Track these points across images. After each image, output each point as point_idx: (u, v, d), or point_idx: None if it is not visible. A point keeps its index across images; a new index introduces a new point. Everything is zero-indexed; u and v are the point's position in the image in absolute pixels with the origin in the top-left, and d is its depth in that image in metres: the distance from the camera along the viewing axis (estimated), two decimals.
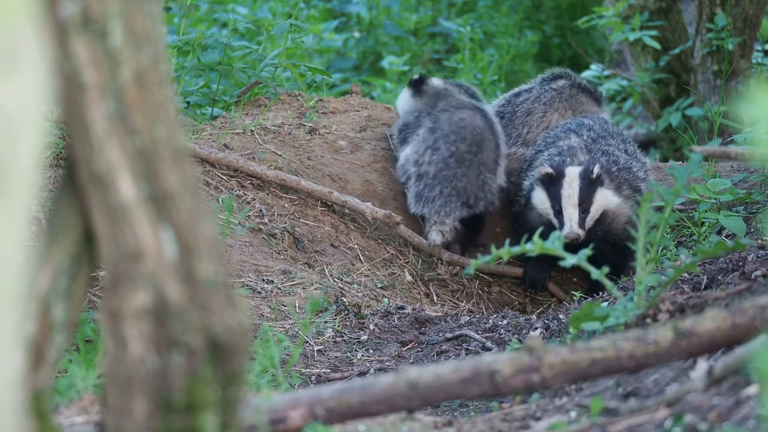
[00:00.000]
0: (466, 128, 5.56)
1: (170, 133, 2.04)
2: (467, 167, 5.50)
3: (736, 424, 2.38)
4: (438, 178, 5.48)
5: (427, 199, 5.49)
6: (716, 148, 3.63)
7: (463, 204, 5.49)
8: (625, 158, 5.21)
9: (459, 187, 5.49)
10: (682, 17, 7.19)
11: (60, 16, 1.98)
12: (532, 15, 9.08)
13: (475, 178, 5.50)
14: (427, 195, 5.49)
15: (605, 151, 5.20)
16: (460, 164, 5.49)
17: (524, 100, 5.88)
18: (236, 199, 5.24)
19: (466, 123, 5.58)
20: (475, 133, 5.56)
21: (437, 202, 5.48)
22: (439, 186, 5.48)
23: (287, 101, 6.08)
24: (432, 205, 5.48)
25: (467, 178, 5.50)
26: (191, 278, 2.05)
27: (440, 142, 5.54)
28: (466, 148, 5.52)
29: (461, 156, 5.51)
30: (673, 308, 3.17)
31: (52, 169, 4.76)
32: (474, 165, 5.52)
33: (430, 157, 5.51)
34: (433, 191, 5.48)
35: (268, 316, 4.50)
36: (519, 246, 3.26)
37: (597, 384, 3.09)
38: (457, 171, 5.47)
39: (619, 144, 5.31)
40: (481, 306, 5.38)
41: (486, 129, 5.60)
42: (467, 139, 5.52)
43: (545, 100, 5.85)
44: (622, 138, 5.40)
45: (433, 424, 2.88)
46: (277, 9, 8.23)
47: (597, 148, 5.22)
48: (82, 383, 2.77)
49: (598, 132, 5.34)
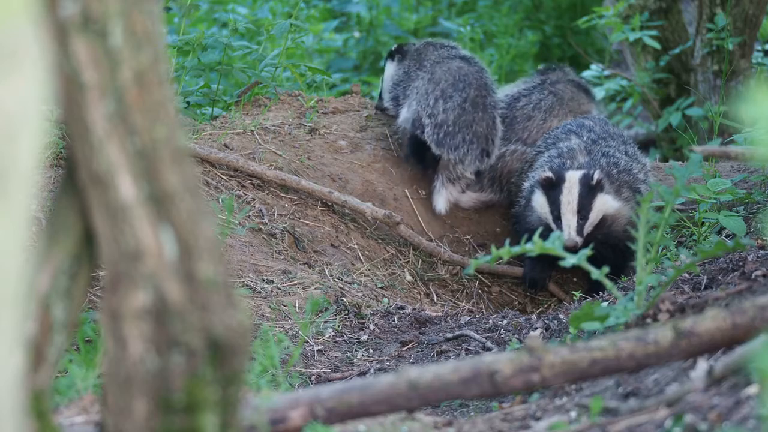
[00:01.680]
0: (468, 75, 5.72)
1: (170, 133, 2.04)
2: (482, 111, 5.63)
3: (736, 424, 2.38)
4: (458, 124, 5.63)
5: (450, 147, 5.60)
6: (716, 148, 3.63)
7: (482, 151, 5.64)
8: (626, 160, 5.20)
9: (479, 132, 5.62)
10: (682, 17, 7.19)
11: (60, 16, 1.98)
12: (532, 15, 9.08)
13: (492, 122, 5.66)
14: (450, 143, 5.60)
15: (605, 152, 5.20)
16: (475, 108, 5.62)
17: (524, 105, 5.91)
18: (236, 199, 5.24)
19: (465, 70, 5.73)
20: (478, 77, 5.72)
21: (461, 150, 5.61)
22: (460, 134, 5.62)
23: (287, 101, 6.08)
24: (457, 152, 5.61)
25: (485, 122, 5.64)
26: (191, 278, 2.05)
27: (449, 90, 5.66)
28: (475, 93, 5.66)
29: (474, 101, 5.65)
30: (673, 308, 3.17)
31: (52, 169, 4.76)
32: (488, 108, 5.67)
33: (444, 105, 5.62)
34: (455, 139, 5.62)
35: (268, 316, 4.50)
36: (519, 246, 3.26)
37: (597, 384, 3.09)
38: (475, 116, 5.58)
39: (619, 145, 5.30)
40: (481, 306, 5.38)
41: (481, 72, 5.77)
42: (473, 84, 5.70)
43: (545, 107, 5.87)
44: (623, 139, 5.38)
45: (433, 424, 2.88)
46: (277, 9, 8.22)
47: (597, 150, 5.22)
48: (82, 383, 2.77)
49: (599, 133, 5.33)
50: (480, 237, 5.77)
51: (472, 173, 5.67)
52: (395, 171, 5.79)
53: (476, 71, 5.75)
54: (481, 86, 5.70)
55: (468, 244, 5.72)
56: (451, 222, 5.78)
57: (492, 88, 5.78)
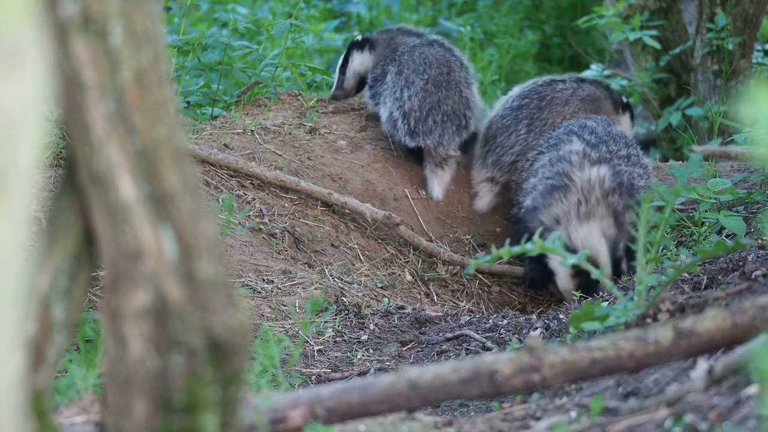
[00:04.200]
0: (428, 57, 5.73)
1: (170, 133, 2.04)
2: (446, 88, 5.63)
3: (736, 424, 2.38)
4: (424, 108, 5.61)
5: (425, 133, 5.61)
6: (716, 148, 3.63)
7: (458, 127, 5.63)
8: (628, 171, 5.06)
9: (448, 111, 5.60)
10: (682, 17, 7.19)
11: (60, 16, 1.98)
12: (532, 15, 9.08)
13: (458, 97, 5.63)
14: (422, 129, 5.61)
15: (606, 159, 5.10)
16: (438, 88, 5.62)
17: (562, 89, 5.80)
18: (236, 199, 5.24)
19: (426, 53, 5.74)
20: (438, 56, 5.72)
21: (435, 133, 5.61)
22: (430, 117, 5.61)
23: (287, 101, 6.08)
24: (432, 137, 5.62)
25: (452, 100, 5.62)
26: (191, 278, 2.05)
27: (411, 76, 5.68)
28: (437, 71, 5.67)
29: (435, 79, 5.64)
30: (673, 308, 3.17)
31: (52, 169, 4.76)
32: (452, 84, 5.67)
33: (408, 92, 5.62)
34: (427, 123, 5.62)
35: (268, 316, 4.50)
36: (519, 246, 3.27)
37: (597, 384, 3.09)
38: (440, 95, 5.58)
39: (621, 148, 5.17)
40: (481, 306, 5.37)
41: (447, 52, 5.77)
42: (434, 64, 5.71)
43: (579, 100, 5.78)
44: (625, 141, 5.25)
45: (433, 424, 2.88)
46: (277, 9, 8.22)
47: (598, 157, 5.08)
48: (82, 383, 2.77)
49: (601, 135, 5.21)
50: (480, 237, 5.77)
51: (455, 150, 5.67)
52: (395, 171, 5.79)
53: (439, 52, 5.74)
54: (442, 64, 5.69)
55: (468, 244, 5.72)
56: (451, 222, 5.78)
57: (458, 64, 5.74)
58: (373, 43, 5.94)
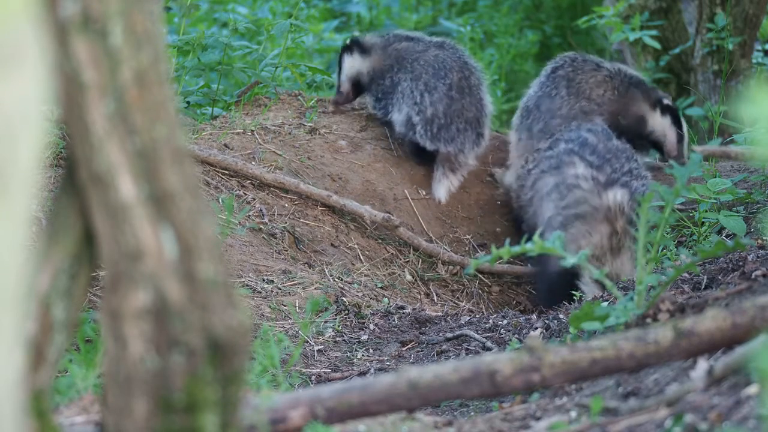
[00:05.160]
0: (445, 61, 5.68)
1: (170, 133, 2.04)
2: (469, 94, 5.62)
3: (736, 424, 2.38)
4: (449, 115, 5.60)
5: (446, 140, 5.59)
6: (716, 148, 3.63)
7: (477, 136, 5.64)
8: (635, 186, 4.92)
9: (470, 118, 5.60)
10: (682, 17, 7.19)
11: (60, 16, 1.97)
12: (532, 15, 9.08)
13: (479, 103, 5.64)
14: (445, 136, 5.59)
15: (615, 180, 4.89)
16: (462, 94, 5.60)
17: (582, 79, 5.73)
18: (236, 199, 5.24)
19: (442, 57, 5.69)
20: (456, 59, 5.69)
21: (458, 140, 5.61)
22: (453, 124, 5.60)
23: (287, 101, 6.08)
24: (453, 144, 5.62)
25: (474, 106, 5.64)
26: (191, 278, 2.05)
27: (432, 81, 5.63)
28: (458, 76, 5.64)
29: (459, 85, 5.63)
30: (673, 308, 3.17)
31: (52, 169, 4.76)
32: (473, 90, 5.66)
33: (431, 97, 5.59)
34: (450, 131, 5.60)
35: (268, 316, 4.50)
36: (519, 246, 3.27)
37: (597, 384, 3.09)
38: (464, 102, 5.57)
39: (624, 164, 4.99)
40: (481, 306, 5.37)
41: (460, 54, 5.74)
42: (454, 68, 5.66)
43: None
44: (626, 155, 5.07)
45: (433, 424, 2.88)
46: (277, 9, 8.22)
47: (606, 180, 4.88)
48: (82, 383, 2.77)
49: (603, 154, 5.00)
50: (480, 237, 5.77)
51: (474, 160, 5.68)
52: (395, 171, 5.79)
53: (452, 53, 5.72)
54: (462, 67, 5.68)
55: (468, 244, 5.72)
56: (451, 222, 5.78)
57: (472, 66, 5.74)
58: (363, 46, 5.88)
